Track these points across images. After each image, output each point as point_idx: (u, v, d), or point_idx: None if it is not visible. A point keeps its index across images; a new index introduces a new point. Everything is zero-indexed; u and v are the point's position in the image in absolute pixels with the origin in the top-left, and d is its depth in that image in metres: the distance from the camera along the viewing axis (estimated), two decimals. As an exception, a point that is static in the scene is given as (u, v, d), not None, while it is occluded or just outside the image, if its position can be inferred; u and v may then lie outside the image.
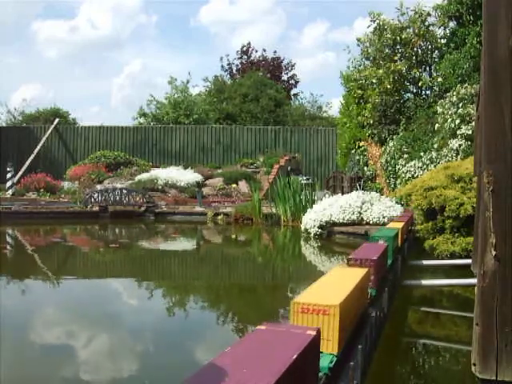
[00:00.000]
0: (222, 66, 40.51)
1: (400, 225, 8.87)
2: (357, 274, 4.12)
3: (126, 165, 26.58)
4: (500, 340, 3.50)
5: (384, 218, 13.53)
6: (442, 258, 9.40)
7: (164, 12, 68.78)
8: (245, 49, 40.71)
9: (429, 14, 19.61)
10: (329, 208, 14.34)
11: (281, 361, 2.23)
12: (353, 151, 21.00)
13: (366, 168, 20.04)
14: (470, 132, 14.47)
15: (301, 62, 71.35)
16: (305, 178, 24.09)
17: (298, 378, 2.34)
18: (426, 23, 19.76)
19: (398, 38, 19.60)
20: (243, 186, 23.95)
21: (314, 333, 2.62)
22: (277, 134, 29.06)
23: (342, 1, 66.41)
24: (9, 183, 23.47)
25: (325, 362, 2.99)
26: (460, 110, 15.11)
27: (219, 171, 25.98)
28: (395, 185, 17.38)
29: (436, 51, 20.17)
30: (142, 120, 34.59)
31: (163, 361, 5.05)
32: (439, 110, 16.21)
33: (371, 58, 20.76)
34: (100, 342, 5.96)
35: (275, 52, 41.19)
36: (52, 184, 23.74)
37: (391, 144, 18.13)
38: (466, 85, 15.62)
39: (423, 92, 20.17)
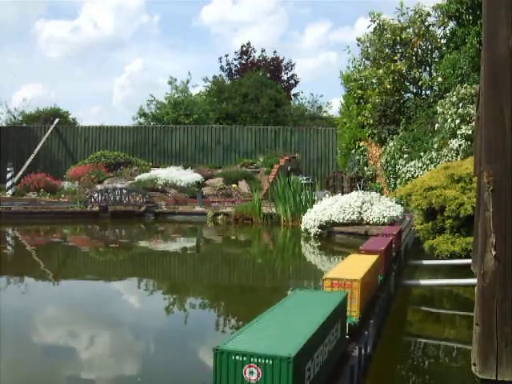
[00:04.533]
0: (222, 67, 40.49)
1: (363, 268, 4.51)
2: None
3: (126, 165, 26.57)
4: (500, 340, 3.49)
5: (384, 217, 13.54)
6: (442, 258, 9.39)
7: (166, 12, 68.76)
8: (244, 49, 40.66)
9: (429, 14, 19.61)
10: (329, 208, 14.34)
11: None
12: (353, 151, 21.00)
13: (365, 168, 20.04)
14: (470, 132, 14.45)
15: (302, 62, 71.17)
16: (305, 177, 24.07)
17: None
18: (426, 23, 19.76)
19: (398, 38, 19.60)
20: (243, 186, 23.94)
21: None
22: (277, 134, 29.05)
23: (343, 1, 66.35)
24: (9, 183, 23.45)
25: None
26: (460, 110, 15.10)
27: (219, 171, 25.97)
28: (395, 185, 17.37)
29: (436, 51, 20.16)
30: (141, 120, 34.59)
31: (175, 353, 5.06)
32: (439, 110, 16.20)
33: (371, 58, 20.75)
34: (108, 338, 5.96)
35: (275, 52, 41.19)
36: (52, 184, 23.71)
37: (391, 144, 18.12)
38: (466, 85, 15.61)
39: (423, 92, 20.16)
